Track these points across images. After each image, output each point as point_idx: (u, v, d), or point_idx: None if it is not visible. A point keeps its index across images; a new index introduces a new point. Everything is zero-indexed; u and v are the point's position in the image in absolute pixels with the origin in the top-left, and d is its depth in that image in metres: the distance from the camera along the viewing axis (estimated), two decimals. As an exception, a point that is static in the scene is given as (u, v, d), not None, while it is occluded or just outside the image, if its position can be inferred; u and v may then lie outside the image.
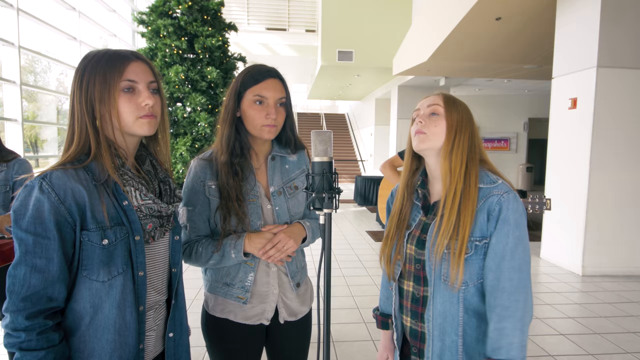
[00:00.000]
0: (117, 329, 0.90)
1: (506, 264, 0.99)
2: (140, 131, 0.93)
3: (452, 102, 1.10)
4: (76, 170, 0.87)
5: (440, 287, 1.04)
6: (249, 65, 1.27)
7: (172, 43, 6.71)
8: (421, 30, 7.00)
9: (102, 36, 8.34)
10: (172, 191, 1.03)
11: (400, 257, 1.13)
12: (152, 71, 0.95)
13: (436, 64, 7.16)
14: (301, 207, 1.33)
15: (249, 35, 9.99)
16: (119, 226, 0.89)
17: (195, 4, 6.95)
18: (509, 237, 1.00)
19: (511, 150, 12.53)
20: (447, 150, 1.06)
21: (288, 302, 1.31)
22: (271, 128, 1.21)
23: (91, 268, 0.86)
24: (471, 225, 1.01)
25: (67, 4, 6.64)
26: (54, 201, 0.82)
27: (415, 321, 1.11)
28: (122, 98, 0.89)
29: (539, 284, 4.00)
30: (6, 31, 5.19)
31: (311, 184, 0.85)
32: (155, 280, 1.00)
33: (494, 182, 1.06)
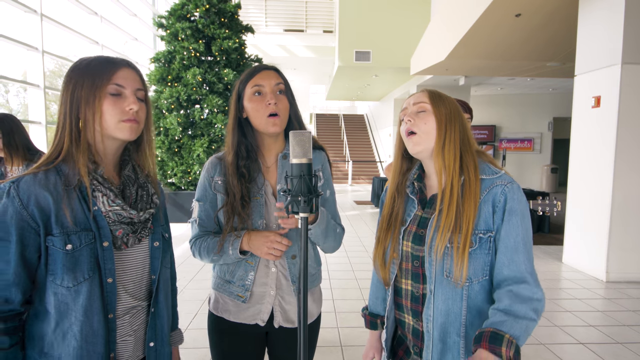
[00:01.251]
0: (84, 336, 0.88)
1: (521, 256, 0.96)
2: (121, 135, 0.93)
3: (437, 96, 1.07)
4: (47, 173, 0.87)
5: (442, 283, 0.99)
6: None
7: (190, 46, 6.81)
8: (439, 28, 6.88)
9: (127, 41, 8.55)
10: (149, 197, 1.01)
11: (396, 256, 1.09)
12: (140, 80, 0.96)
13: (454, 63, 7.02)
14: None
15: (267, 37, 10.05)
16: (85, 232, 0.88)
17: (212, 6, 7.03)
18: (519, 229, 0.96)
19: (535, 150, 12.19)
20: (440, 145, 1.03)
21: (286, 307, 1.27)
22: (275, 119, 1.19)
23: (56, 273, 0.86)
24: (475, 217, 0.97)
25: (89, 9, 6.82)
26: (17, 206, 0.83)
27: (417, 320, 1.07)
28: (107, 100, 0.90)
29: (559, 289, 3.86)
30: (30, 36, 5.37)
31: (289, 186, 0.82)
32: (132, 287, 0.98)
33: (496, 172, 1.03)
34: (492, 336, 0.90)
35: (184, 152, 6.83)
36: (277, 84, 1.22)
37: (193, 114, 6.82)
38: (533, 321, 0.92)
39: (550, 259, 4.89)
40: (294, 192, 0.80)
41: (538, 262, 4.73)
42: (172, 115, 6.64)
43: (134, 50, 8.85)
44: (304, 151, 0.81)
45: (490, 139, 12.35)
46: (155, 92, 6.95)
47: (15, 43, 5.10)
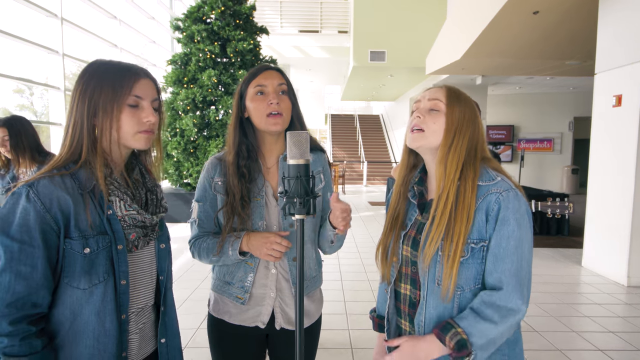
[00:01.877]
0: (96, 336, 0.90)
1: (507, 265, 0.93)
2: (137, 145, 0.95)
3: (455, 97, 1.01)
4: (63, 177, 0.89)
5: (433, 290, 0.98)
6: None
7: (205, 48, 6.89)
8: (454, 27, 6.79)
9: (146, 44, 8.70)
10: (158, 201, 1.04)
11: (396, 260, 1.07)
12: (157, 89, 0.98)
13: (470, 62, 6.91)
14: (317, 209, 1.30)
15: (282, 38, 10.09)
16: (102, 235, 0.90)
17: (227, 8, 7.10)
18: (510, 239, 0.94)
19: (555, 151, 11.90)
20: (444, 152, 0.99)
21: (286, 309, 1.26)
22: (276, 118, 1.19)
23: (72, 275, 0.88)
24: (467, 228, 0.94)
25: (108, 13, 6.97)
26: (39, 210, 0.84)
27: (412, 326, 1.05)
28: (126, 112, 0.92)
29: (578, 294, 3.75)
30: (51, 40, 5.51)
31: (286, 187, 0.82)
32: (141, 288, 1.01)
33: (493, 179, 0.99)
34: (445, 325, 0.93)
35: (199, 153, 6.90)
36: (279, 84, 1.22)
37: (208, 115, 6.89)
38: (494, 325, 0.91)
39: (569, 262, 4.76)
40: (290, 194, 0.79)
41: (556, 266, 4.61)
42: (188, 117, 6.72)
43: (152, 53, 9.01)
44: (301, 152, 0.81)
45: (509, 139, 12.12)
46: (172, 94, 7.05)
47: (37, 46, 5.24)
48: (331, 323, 2.95)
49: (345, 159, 13.97)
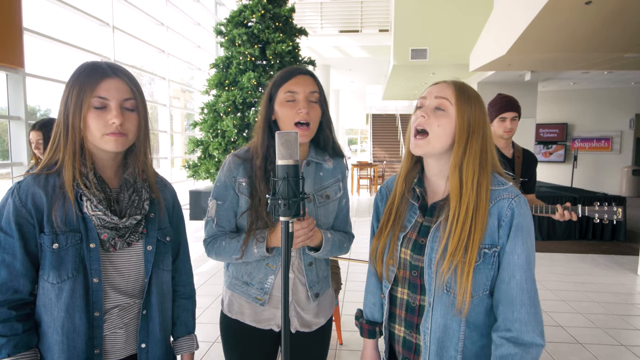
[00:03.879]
0: (66, 331, 0.93)
1: (523, 275, 0.90)
2: (107, 147, 0.95)
3: (465, 96, 0.95)
4: (48, 176, 0.94)
5: (442, 298, 0.94)
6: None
7: (246, 51, 7.06)
8: (499, 21, 6.49)
9: (196, 47, 9.06)
10: (140, 202, 1.02)
11: (392, 262, 1.03)
12: (129, 88, 0.96)
13: (517, 58, 6.58)
14: (331, 217, 1.29)
15: (322, 39, 10.12)
16: (73, 233, 0.93)
17: (267, 12, 7.24)
18: (524, 246, 0.91)
19: (614, 150, 11.06)
20: (458, 158, 0.93)
21: (302, 313, 1.27)
22: (303, 130, 1.17)
23: (44, 269, 0.92)
24: (482, 235, 0.91)
25: (156, 20, 7.32)
26: (17, 204, 0.90)
27: (409, 332, 1.01)
28: (91, 114, 0.92)
29: (631, 305, 3.47)
30: (103, 47, 5.88)
31: (273, 189, 0.82)
32: (125, 287, 1.01)
33: (503, 183, 0.96)
34: None
35: (239, 153, 7.08)
36: (311, 92, 1.19)
37: (248, 116, 7.06)
38: (540, 347, 0.89)
39: (623, 270, 4.41)
40: (277, 195, 0.79)
41: (609, 274, 4.28)
42: (229, 118, 6.92)
43: (198, 58, 9.36)
44: (290, 152, 0.80)
45: (562, 138, 11.42)
46: (214, 97, 7.29)
47: (91, 54, 5.61)
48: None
49: (385, 159, 13.79)
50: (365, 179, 11.78)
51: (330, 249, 1.23)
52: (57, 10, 5.03)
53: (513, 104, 2.24)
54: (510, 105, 2.23)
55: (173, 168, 8.17)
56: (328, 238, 1.22)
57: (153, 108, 8.19)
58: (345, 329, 2.93)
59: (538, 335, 0.89)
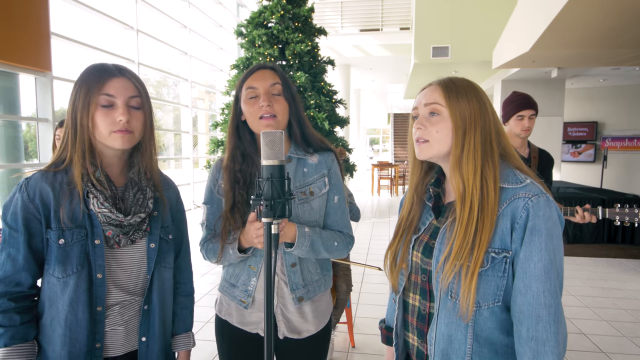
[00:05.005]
0: (69, 325, 0.96)
1: (541, 285, 0.81)
2: (114, 145, 0.98)
3: (454, 93, 0.91)
4: (56, 173, 0.97)
5: (446, 305, 0.88)
6: None
7: (265, 51, 7.12)
8: (523, 16, 6.31)
9: (219, 49, 9.20)
10: (145, 200, 1.05)
11: (405, 266, 0.99)
12: (135, 87, 0.99)
13: (542, 54, 6.38)
14: (315, 215, 1.24)
15: (342, 39, 10.09)
16: (79, 229, 0.96)
17: (287, 12, 7.27)
18: (542, 252, 0.81)
19: (648, 150, 10.56)
20: (457, 157, 0.89)
21: (289, 316, 1.23)
22: (269, 120, 1.15)
23: (49, 263, 0.95)
24: (490, 235, 0.84)
25: (179, 23, 7.48)
26: (25, 200, 0.93)
27: (421, 341, 0.96)
28: (99, 112, 0.95)
29: (661, 313, 3.30)
30: (128, 50, 6.05)
31: (258, 189, 0.81)
32: (126, 283, 1.04)
33: (521, 181, 0.87)
34: None
35: (258, 153, 7.15)
36: (272, 85, 1.17)
37: (267, 116, 7.11)
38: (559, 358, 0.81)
39: (654, 276, 4.21)
40: (261, 196, 0.78)
41: (639, 279, 4.09)
42: (248, 118, 6.99)
43: (220, 59, 9.50)
44: (274, 152, 0.80)
45: (591, 137, 11.00)
46: (235, 97, 7.38)
47: (116, 57, 5.78)
48: (369, 327, 2.88)
49: (406, 159, 13.62)
50: (385, 179, 11.67)
51: (310, 246, 1.16)
52: (83, 14, 5.21)
53: (530, 102, 2.17)
54: (528, 103, 2.16)
55: (197, 168, 8.31)
56: (304, 232, 1.16)
57: (176, 109, 8.37)
58: (358, 331, 2.91)
59: (557, 357, 0.80)
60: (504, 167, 0.91)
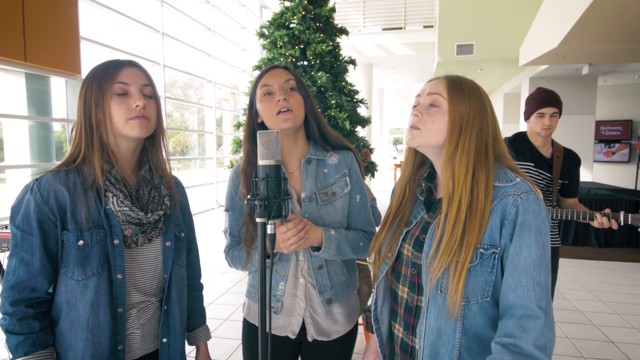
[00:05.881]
0: (90, 328, 0.93)
1: (530, 279, 0.82)
2: (132, 132, 0.96)
3: (458, 90, 0.93)
4: (67, 172, 0.95)
5: (436, 299, 0.89)
6: None
7: (287, 52, 7.16)
8: (552, 11, 6.10)
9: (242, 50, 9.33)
10: (161, 198, 1.04)
11: (390, 255, 1.00)
12: (146, 76, 1.00)
13: (571, 50, 6.15)
14: (340, 216, 1.24)
15: (364, 38, 10.04)
16: (98, 229, 0.93)
17: (308, 12, 7.29)
18: (532, 247, 0.82)
19: (688, 150, 10.02)
20: (450, 152, 0.90)
21: (318, 319, 1.23)
22: (286, 115, 1.15)
23: (67, 266, 0.93)
24: (480, 234, 0.85)
25: (204, 26, 7.62)
26: (38, 201, 0.90)
27: (406, 333, 0.98)
28: (114, 101, 0.95)
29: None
30: (154, 53, 6.21)
31: (254, 189, 0.81)
32: (143, 284, 1.02)
33: (511, 179, 0.89)
34: None
35: (280, 153, 7.19)
36: (286, 81, 1.19)
37: (289, 116, 7.15)
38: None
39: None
40: (258, 196, 0.79)
41: (674, 285, 3.89)
42: (270, 119, 7.05)
43: (244, 60, 9.63)
44: (270, 152, 0.80)
45: (626, 136, 10.52)
46: (249, 101, 7.46)
47: (142, 59, 5.95)
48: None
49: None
50: (409, 179, 11.52)
51: (336, 249, 1.17)
52: (111, 18, 5.39)
53: (553, 99, 2.09)
54: (551, 101, 2.08)
55: (221, 168, 8.44)
56: (330, 236, 1.16)
57: (201, 110, 8.52)
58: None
59: (540, 350, 0.79)
60: (496, 167, 0.92)
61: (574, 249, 5.38)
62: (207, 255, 5.17)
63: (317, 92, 7.06)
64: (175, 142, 10.19)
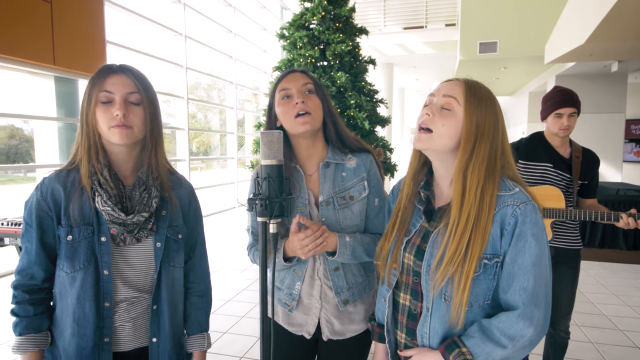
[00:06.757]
0: (76, 318, 0.99)
1: (520, 284, 0.86)
2: (113, 139, 1.00)
3: (475, 98, 0.90)
4: (69, 172, 1.02)
5: (440, 306, 0.91)
6: None
7: (306, 53, 7.20)
8: (578, 7, 5.92)
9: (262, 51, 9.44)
10: (149, 200, 1.05)
11: (396, 266, 1.01)
12: (134, 83, 1.00)
13: (600, 46, 5.96)
14: (358, 219, 1.25)
15: (385, 37, 9.99)
16: (86, 226, 0.99)
17: (327, 13, 7.31)
18: (525, 255, 0.86)
19: None
20: (463, 163, 0.89)
21: (333, 320, 1.24)
22: (305, 117, 1.16)
23: (60, 258, 1.00)
24: (484, 247, 0.87)
25: (225, 28, 7.75)
26: (39, 198, 1.00)
27: (411, 339, 0.99)
28: (99, 108, 0.99)
29: None
30: (177, 56, 6.36)
31: (257, 188, 0.84)
32: (134, 280, 1.05)
33: (510, 189, 0.89)
34: (450, 344, 0.88)
35: (299, 153, 7.23)
36: (304, 84, 1.20)
37: (308, 117, 7.18)
38: (502, 348, 0.85)
39: None
40: (260, 196, 0.81)
41: None
42: (289, 119, 7.10)
43: (264, 62, 9.74)
44: (272, 152, 0.82)
45: (659, 135, 10.09)
46: (269, 105, 7.53)
47: (165, 62, 6.11)
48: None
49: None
50: (430, 179, 11.38)
51: (351, 254, 1.17)
52: (135, 22, 5.55)
53: (571, 99, 2.03)
54: (568, 100, 2.03)
55: (243, 168, 8.56)
56: (345, 242, 1.16)
57: (223, 112, 8.66)
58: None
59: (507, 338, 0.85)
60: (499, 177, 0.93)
61: (601, 251, 5.21)
62: (227, 253, 5.26)
63: (336, 92, 7.08)
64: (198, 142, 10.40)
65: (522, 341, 0.84)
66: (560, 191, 2.02)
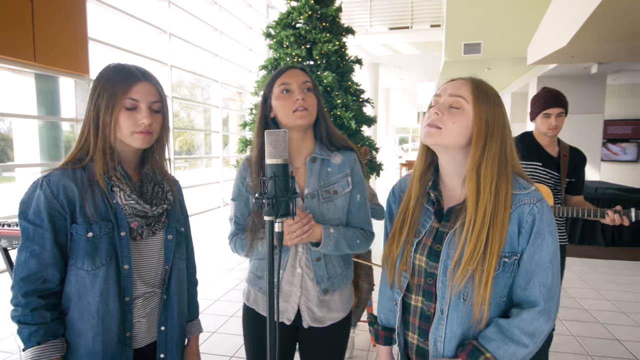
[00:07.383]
0: (101, 315, 0.98)
1: (538, 280, 0.88)
2: (135, 144, 1.02)
3: (483, 96, 0.91)
4: (74, 170, 1.00)
5: (458, 306, 0.91)
6: None
7: (293, 52, 7.18)
8: (560, 9, 6.06)
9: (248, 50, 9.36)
10: (164, 193, 1.10)
11: (406, 268, 1.00)
12: (157, 92, 1.04)
13: (581, 48, 6.10)
14: (339, 213, 1.29)
15: (371, 37, 10.03)
16: (105, 222, 0.99)
17: (314, 12, 7.30)
18: (542, 252, 0.88)
19: (700, 149, 9.90)
20: (476, 160, 0.89)
21: (312, 307, 1.29)
22: (303, 112, 1.21)
23: (77, 257, 0.97)
24: (502, 244, 0.88)
25: (210, 26, 7.66)
26: (48, 196, 0.95)
27: (424, 340, 0.99)
28: (123, 114, 1.00)
29: None
30: (161, 53, 6.26)
31: (262, 188, 0.83)
32: (147, 275, 1.07)
33: (526, 187, 0.91)
34: (473, 351, 0.87)
35: (286, 153, 7.21)
36: (304, 82, 1.25)
37: (295, 116, 7.16)
38: (524, 347, 0.85)
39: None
40: (264, 194, 0.80)
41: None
42: (276, 118, 7.07)
43: (250, 60, 9.66)
44: (278, 151, 0.81)
45: (635, 136, 10.42)
46: (263, 97, 7.49)
47: (150, 60, 6.00)
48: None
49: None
50: (415, 178, 11.49)
51: (334, 245, 1.22)
52: (118, 19, 5.43)
53: (559, 99, 2.08)
54: (556, 101, 2.07)
55: (228, 167, 8.48)
56: (329, 234, 1.21)
57: (207, 110, 8.56)
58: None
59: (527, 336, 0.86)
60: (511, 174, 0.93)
61: (580, 247, 5.34)
62: (213, 252, 5.21)
63: (323, 91, 7.06)
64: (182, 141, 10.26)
65: (541, 337, 0.86)
66: (549, 189, 2.06)
